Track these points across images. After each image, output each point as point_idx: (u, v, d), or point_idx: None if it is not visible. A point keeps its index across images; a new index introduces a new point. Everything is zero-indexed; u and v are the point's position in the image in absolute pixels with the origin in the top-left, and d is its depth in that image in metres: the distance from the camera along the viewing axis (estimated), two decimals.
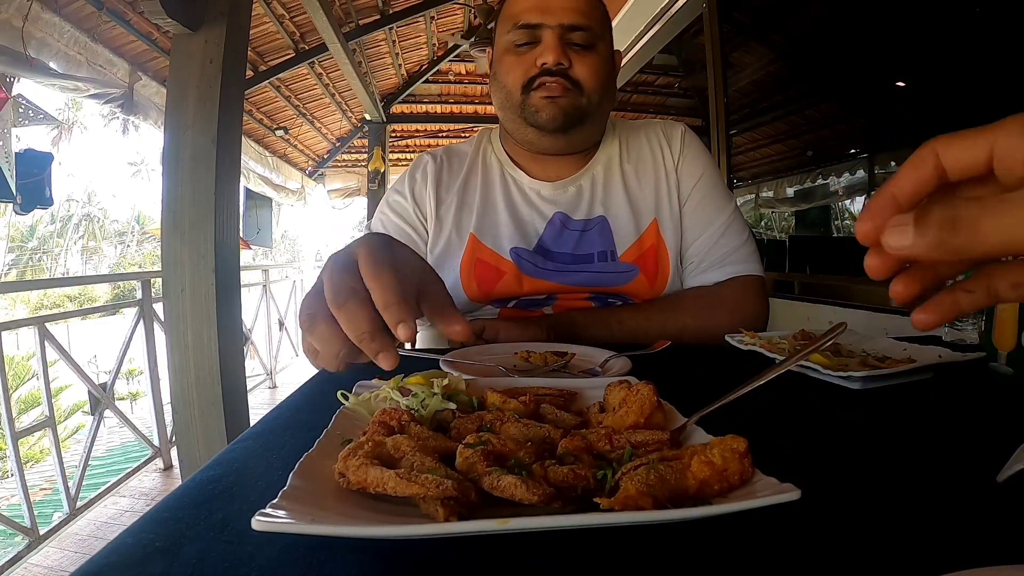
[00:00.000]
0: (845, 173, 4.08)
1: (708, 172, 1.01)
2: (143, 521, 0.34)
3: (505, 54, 0.93)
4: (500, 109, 0.98)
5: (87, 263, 29.85)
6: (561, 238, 0.97)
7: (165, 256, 2.27)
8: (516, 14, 0.91)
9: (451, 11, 5.45)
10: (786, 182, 4.52)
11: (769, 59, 3.48)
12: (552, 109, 0.90)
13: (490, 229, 0.97)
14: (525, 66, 0.91)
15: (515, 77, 0.92)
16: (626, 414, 0.41)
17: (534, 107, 0.91)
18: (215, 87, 2.21)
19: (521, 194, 1.01)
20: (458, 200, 1.00)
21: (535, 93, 0.90)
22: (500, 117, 1.00)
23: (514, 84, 0.92)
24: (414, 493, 0.30)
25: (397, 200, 1.03)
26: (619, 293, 0.96)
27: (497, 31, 0.97)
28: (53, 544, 2.44)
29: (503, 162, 1.03)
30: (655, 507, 0.29)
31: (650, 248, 0.97)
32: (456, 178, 1.03)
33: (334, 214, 7.81)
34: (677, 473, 0.31)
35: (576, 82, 0.90)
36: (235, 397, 2.34)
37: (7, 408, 2.33)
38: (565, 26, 0.89)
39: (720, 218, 0.98)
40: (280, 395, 4.99)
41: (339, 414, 0.45)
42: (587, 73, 0.90)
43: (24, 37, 2.35)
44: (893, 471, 0.40)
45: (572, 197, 0.99)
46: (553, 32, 0.88)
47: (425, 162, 1.05)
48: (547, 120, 0.91)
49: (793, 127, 4.11)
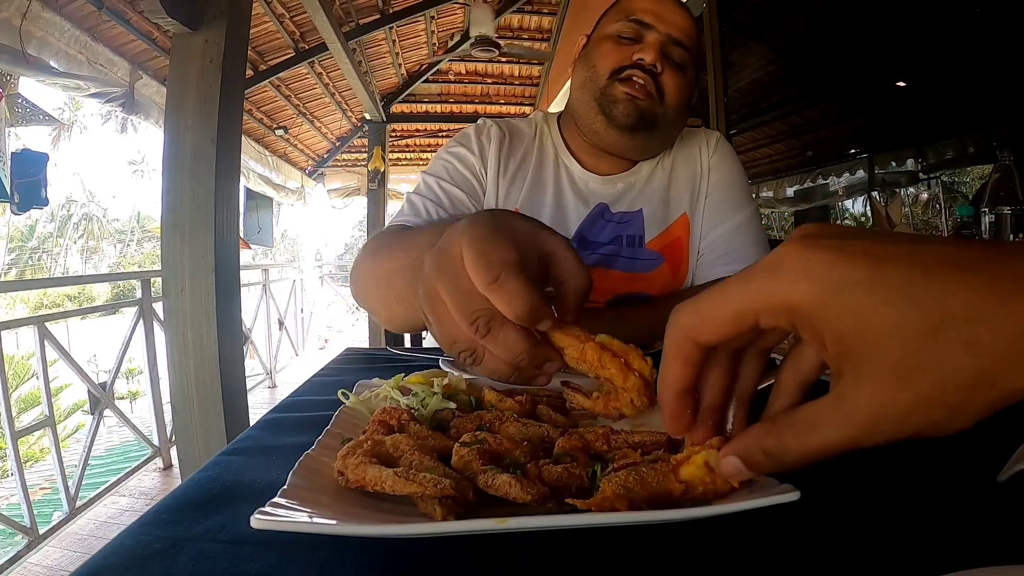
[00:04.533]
0: (845, 173, 4.08)
1: (734, 174, 1.03)
2: (143, 521, 0.34)
3: (605, 40, 0.94)
4: (579, 88, 0.98)
5: (87, 262, 29.84)
6: (595, 227, 0.98)
7: (165, 255, 2.27)
8: (632, 9, 0.93)
9: (451, 11, 5.45)
10: (786, 182, 4.53)
11: (769, 59, 3.47)
12: (629, 106, 0.90)
13: (535, 209, 0.98)
14: (622, 55, 0.91)
15: (608, 61, 0.92)
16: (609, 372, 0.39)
17: (614, 96, 0.91)
18: (215, 86, 2.21)
19: (570, 181, 1.01)
20: (512, 173, 1.01)
21: (620, 84, 0.90)
22: (574, 98, 1.00)
23: (605, 67, 0.92)
24: (412, 492, 0.30)
25: (462, 152, 1.01)
26: (642, 290, 0.97)
27: (604, 18, 0.98)
28: (53, 543, 2.43)
29: (558, 148, 1.04)
30: (630, 509, 0.29)
31: (676, 240, 0.99)
32: (517, 151, 1.03)
33: (334, 214, 7.81)
34: (660, 475, 0.31)
35: (661, 90, 0.91)
36: (235, 397, 2.34)
37: (7, 407, 2.33)
38: (672, 37, 0.91)
39: (736, 217, 0.99)
40: (280, 395, 4.99)
41: (339, 413, 0.45)
42: (673, 87, 0.91)
43: (24, 36, 2.35)
44: (893, 471, 0.40)
45: (618, 192, 1.01)
46: (659, 36, 0.90)
47: (489, 126, 1.04)
48: (621, 114, 0.90)
49: (793, 127, 4.10)
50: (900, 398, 0.23)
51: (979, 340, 0.21)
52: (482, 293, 0.35)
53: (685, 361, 0.29)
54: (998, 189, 1.24)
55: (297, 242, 39.57)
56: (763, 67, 3.52)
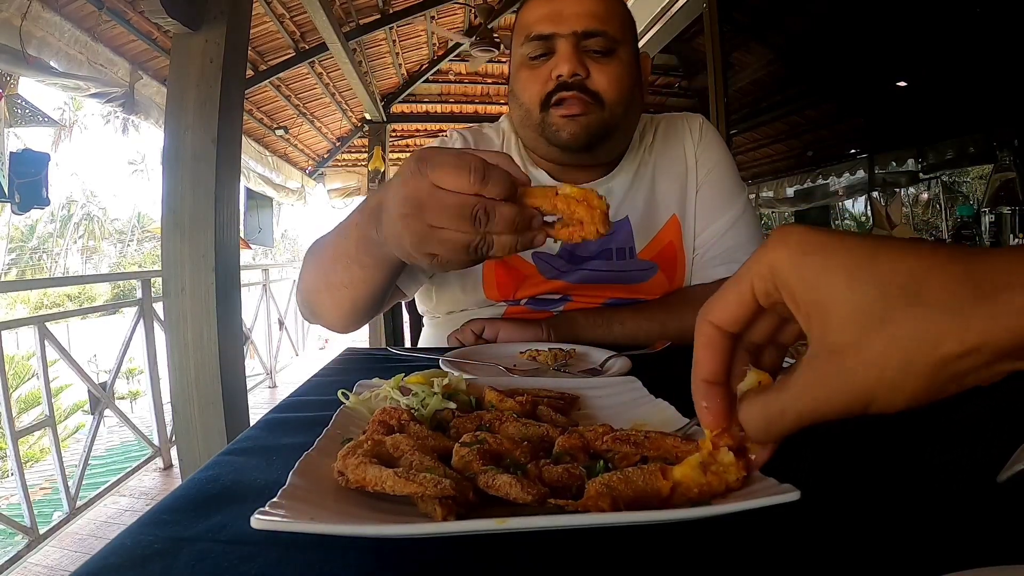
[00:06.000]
0: (845, 173, 4.08)
1: (722, 162, 0.98)
2: (142, 521, 0.34)
3: (520, 68, 0.89)
4: (520, 127, 0.93)
5: (87, 262, 29.85)
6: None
7: (165, 255, 2.27)
8: (528, 25, 0.87)
9: (451, 11, 5.45)
10: (786, 182, 4.52)
11: (769, 59, 3.48)
12: (573, 127, 0.85)
13: None
14: (541, 80, 0.86)
15: (532, 93, 0.87)
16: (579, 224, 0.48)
17: (554, 126, 0.86)
18: (215, 86, 2.21)
19: None
20: None
21: (554, 110, 0.85)
22: (521, 133, 0.96)
23: (531, 101, 0.87)
24: (412, 492, 0.30)
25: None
26: (638, 295, 0.94)
27: (512, 45, 0.93)
28: (53, 543, 2.44)
29: (525, 158, 0.98)
30: (613, 509, 0.29)
31: (668, 245, 0.95)
32: None
33: (334, 213, 7.78)
34: (646, 475, 0.31)
35: (595, 94, 0.84)
36: (235, 397, 2.34)
37: (7, 407, 2.33)
38: (579, 33, 0.83)
39: (730, 211, 0.96)
40: (280, 395, 4.99)
41: (339, 413, 0.45)
42: (607, 83, 0.84)
43: (24, 36, 2.35)
44: (893, 471, 0.40)
45: None
46: (567, 41, 0.83)
47: (454, 139, 0.99)
48: (568, 139, 0.86)
49: (793, 127, 4.11)
50: (852, 359, 0.24)
51: (922, 296, 0.23)
52: (469, 192, 0.45)
53: (706, 344, 0.31)
54: (999, 189, 1.24)
55: (297, 242, 39.54)
56: (763, 67, 3.52)
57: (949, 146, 3.37)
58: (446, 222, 0.47)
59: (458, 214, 0.46)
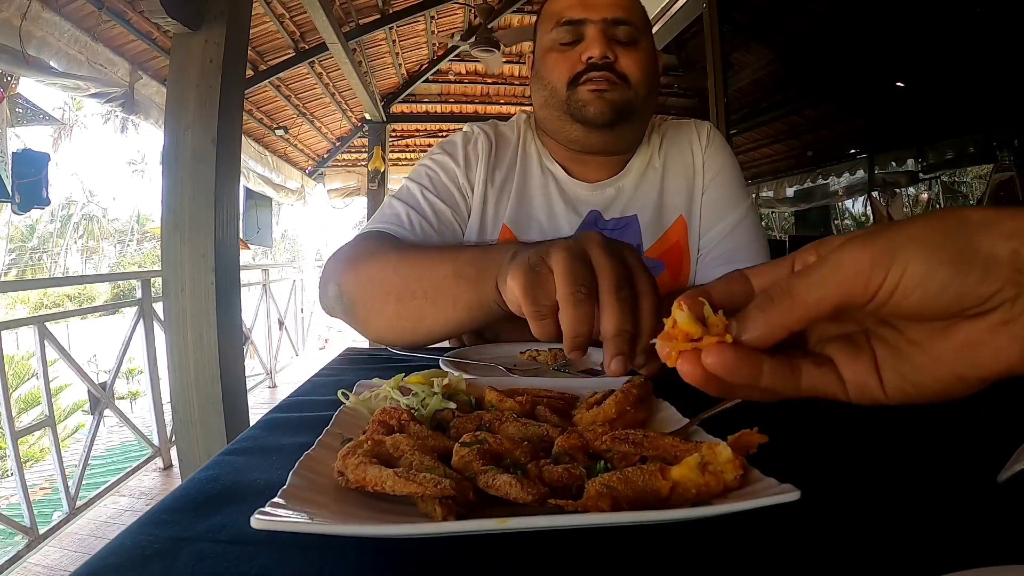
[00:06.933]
0: (845, 173, 4.09)
1: (728, 167, 1.00)
2: (142, 521, 0.34)
3: (548, 52, 0.92)
4: (543, 108, 0.95)
5: (87, 262, 29.86)
6: None
7: (165, 255, 2.27)
8: (558, 12, 0.90)
9: (451, 11, 5.45)
10: (786, 182, 4.52)
11: (769, 59, 3.48)
12: (600, 103, 0.87)
13: (525, 220, 0.96)
14: (570, 62, 0.89)
15: (560, 73, 0.89)
16: (607, 407, 0.42)
17: (581, 101, 0.88)
18: (215, 86, 2.21)
19: (559, 189, 0.98)
20: (499, 184, 0.97)
21: (582, 87, 0.88)
22: (541, 117, 0.98)
23: (559, 80, 0.90)
24: (412, 492, 0.30)
25: (447, 162, 0.97)
26: None
27: (538, 32, 0.96)
28: (53, 543, 2.44)
29: (541, 153, 1.00)
30: (613, 509, 0.29)
31: (675, 244, 0.97)
32: (503, 160, 0.99)
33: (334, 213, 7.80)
34: (646, 475, 0.31)
35: (623, 76, 0.88)
36: (235, 397, 2.34)
37: (7, 407, 2.33)
38: (609, 20, 0.88)
39: (733, 214, 0.97)
40: (280, 395, 4.99)
41: (339, 413, 0.45)
42: (633, 67, 0.88)
43: (24, 36, 2.35)
44: (893, 471, 0.40)
45: (609, 198, 0.98)
46: (597, 27, 0.87)
47: (477, 135, 1.00)
48: (595, 114, 0.88)
49: (793, 127, 4.10)
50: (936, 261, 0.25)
51: (1004, 230, 0.25)
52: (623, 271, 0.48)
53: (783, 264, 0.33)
54: (998, 189, 1.24)
55: (297, 242, 39.59)
56: (763, 67, 3.53)
57: (949, 146, 3.38)
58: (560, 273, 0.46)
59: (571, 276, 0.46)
